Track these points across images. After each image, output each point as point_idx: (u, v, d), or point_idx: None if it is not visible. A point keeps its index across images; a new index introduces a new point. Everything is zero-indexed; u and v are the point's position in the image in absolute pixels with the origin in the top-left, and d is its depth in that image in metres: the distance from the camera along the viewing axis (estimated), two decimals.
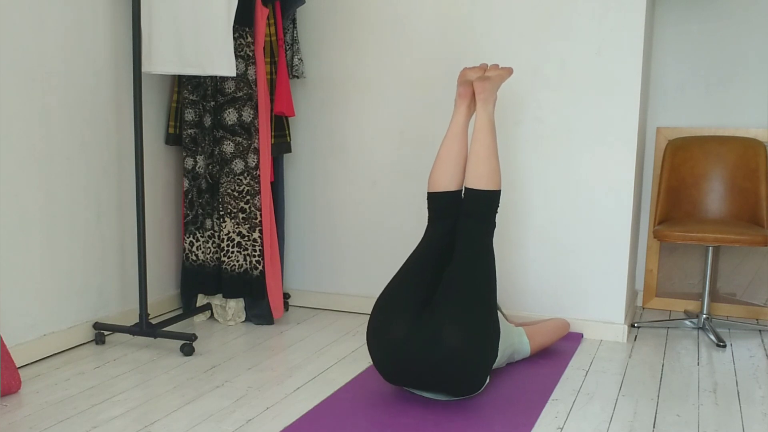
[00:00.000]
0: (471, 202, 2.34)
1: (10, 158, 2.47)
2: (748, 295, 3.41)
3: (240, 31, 2.97)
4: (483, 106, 2.43)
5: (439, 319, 2.13)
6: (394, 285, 2.29)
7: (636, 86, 2.87)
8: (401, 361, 2.16)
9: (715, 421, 2.16)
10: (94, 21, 2.77)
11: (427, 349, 2.11)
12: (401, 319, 2.17)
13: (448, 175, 2.42)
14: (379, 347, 2.20)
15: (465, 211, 2.35)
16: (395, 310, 2.21)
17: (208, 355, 2.72)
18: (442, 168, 2.43)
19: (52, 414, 2.15)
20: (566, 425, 2.12)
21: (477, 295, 2.19)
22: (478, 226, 2.32)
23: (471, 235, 2.30)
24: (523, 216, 3.09)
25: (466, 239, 2.30)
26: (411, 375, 2.18)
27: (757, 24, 3.27)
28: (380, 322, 2.21)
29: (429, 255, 2.34)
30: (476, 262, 2.25)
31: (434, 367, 2.12)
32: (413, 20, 3.16)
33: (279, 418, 2.14)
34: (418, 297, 2.23)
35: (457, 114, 2.48)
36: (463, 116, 2.47)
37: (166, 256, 3.28)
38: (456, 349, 2.09)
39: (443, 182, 2.42)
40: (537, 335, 2.68)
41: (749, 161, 3.20)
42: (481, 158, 2.35)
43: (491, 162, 2.35)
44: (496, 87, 2.47)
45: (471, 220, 2.33)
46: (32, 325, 2.61)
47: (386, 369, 2.22)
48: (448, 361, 2.10)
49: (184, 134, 3.11)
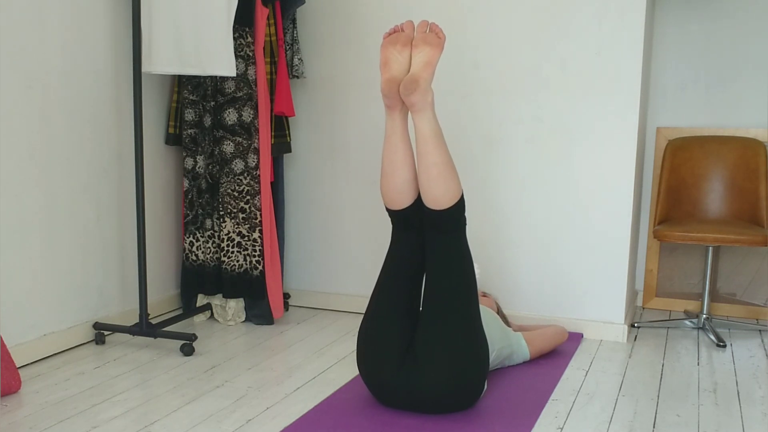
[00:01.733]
0: (434, 221, 2.10)
1: (10, 158, 2.47)
2: (748, 295, 3.41)
3: (240, 31, 2.97)
4: (420, 116, 2.03)
5: (422, 362, 2.06)
6: (372, 319, 2.17)
7: (636, 86, 2.87)
8: (392, 400, 2.17)
9: (715, 421, 2.16)
10: (94, 21, 2.77)
11: (414, 393, 2.10)
12: (386, 366, 2.11)
13: (397, 193, 2.12)
14: (369, 384, 2.20)
15: (430, 225, 2.11)
16: (378, 355, 2.12)
17: (208, 355, 2.72)
18: (391, 185, 2.12)
19: (52, 414, 2.15)
20: (566, 425, 2.12)
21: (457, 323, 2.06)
22: (446, 238, 2.11)
23: (441, 249, 2.11)
24: (522, 216, 3.09)
25: (438, 254, 2.11)
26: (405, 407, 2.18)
27: (757, 24, 3.27)
28: (366, 365, 2.17)
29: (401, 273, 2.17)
30: (452, 280, 2.09)
31: (425, 403, 2.12)
32: (413, 20, 3.16)
33: (279, 418, 2.14)
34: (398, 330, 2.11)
35: (389, 122, 2.10)
36: (398, 123, 2.10)
37: (166, 256, 3.28)
38: (442, 390, 2.08)
39: (396, 201, 2.13)
40: (536, 340, 2.68)
41: (749, 161, 3.20)
42: (432, 177, 2.03)
43: (444, 176, 2.04)
44: (428, 84, 2.02)
45: (438, 233, 2.11)
46: (32, 325, 2.61)
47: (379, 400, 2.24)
48: (436, 401, 2.11)
49: (184, 134, 3.11)
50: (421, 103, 2.01)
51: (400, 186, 2.11)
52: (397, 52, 2.08)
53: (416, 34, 2.11)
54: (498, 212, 3.12)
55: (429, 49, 2.05)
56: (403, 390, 2.11)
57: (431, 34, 2.09)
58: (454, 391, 2.09)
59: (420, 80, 2.00)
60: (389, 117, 2.10)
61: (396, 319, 2.13)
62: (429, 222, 2.12)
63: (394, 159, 2.10)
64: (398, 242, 2.20)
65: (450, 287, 2.10)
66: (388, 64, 2.08)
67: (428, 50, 2.05)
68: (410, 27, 2.12)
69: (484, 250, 3.16)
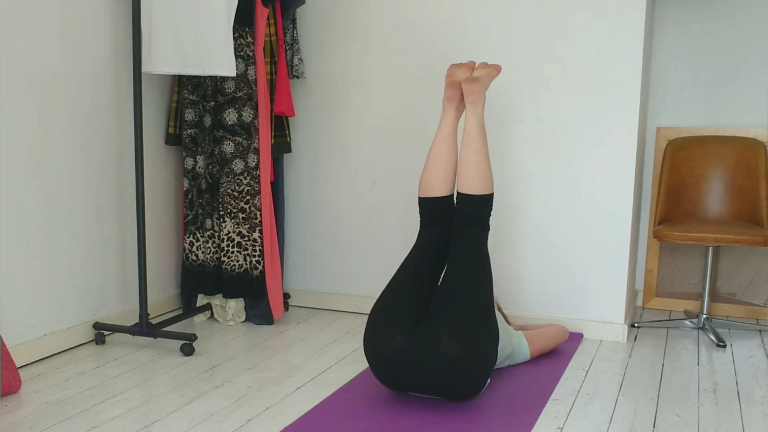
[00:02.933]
0: (464, 208, 2.31)
1: (10, 158, 2.47)
2: (748, 295, 3.41)
3: (240, 31, 2.97)
4: (472, 109, 2.38)
5: (437, 331, 2.12)
6: (388, 296, 2.26)
7: (636, 86, 2.87)
8: (400, 373, 2.17)
9: (715, 421, 2.16)
10: (94, 21, 2.77)
11: (426, 362, 2.11)
12: (398, 332, 2.15)
13: (439, 180, 2.38)
14: (376, 359, 2.20)
15: (459, 217, 2.31)
16: (391, 323, 2.18)
17: (208, 355, 2.72)
18: (433, 173, 2.38)
19: (52, 414, 2.15)
20: (566, 425, 2.12)
21: (474, 303, 2.17)
22: (472, 231, 2.29)
23: (465, 241, 2.28)
24: (523, 216, 3.09)
25: (461, 246, 2.27)
26: (410, 383, 2.19)
27: (757, 24, 3.27)
28: (377, 336, 2.19)
29: (422, 263, 2.31)
30: (471, 269, 2.23)
31: (434, 377, 2.13)
32: (413, 20, 3.16)
33: (279, 418, 2.14)
34: (413, 308, 2.20)
35: (445, 117, 2.43)
36: (451, 119, 2.43)
37: (166, 256, 3.28)
38: (455, 359, 2.09)
39: (434, 188, 2.38)
40: (536, 339, 2.68)
41: (749, 161, 3.20)
42: (472, 163, 2.31)
43: (482, 166, 2.31)
44: (484, 87, 2.42)
45: (465, 225, 2.30)
46: (32, 325, 2.61)
47: (384, 378, 2.23)
48: (447, 372, 2.11)
49: (184, 134, 3.11)
50: (477, 95, 2.37)
51: (442, 173, 2.38)
52: (460, 70, 2.49)
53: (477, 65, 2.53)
54: (498, 212, 3.12)
55: (488, 69, 2.48)
56: (414, 357, 2.12)
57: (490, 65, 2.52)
58: (467, 360, 2.10)
59: (480, 79, 2.40)
60: (445, 113, 2.43)
61: (412, 295, 2.24)
62: (458, 213, 2.32)
63: (441, 152, 2.39)
64: (423, 238, 2.37)
65: (469, 279, 2.22)
66: (453, 75, 2.48)
67: (487, 69, 2.48)
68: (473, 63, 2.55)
69: None
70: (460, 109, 2.45)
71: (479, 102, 2.38)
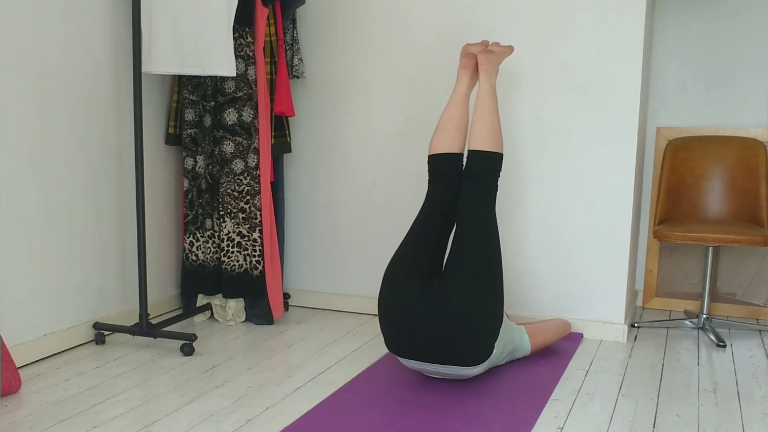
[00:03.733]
0: (474, 164, 2.38)
1: (10, 158, 2.47)
2: (748, 295, 3.41)
3: (240, 31, 2.97)
4: (486, 77, 2.48)
5: (448, 283, 2.20)
6: (402, 251, 2.33)
7: (636, 86, 2.87)
8: (411, 324, 2.21)
9: (715, 421, 2.16)
10: (94, 21, 2.77)
11: (437, 311, 2.17)
12: (412, 282, 2.23)
13: (448, 138, 2.45)
14: (388, 310, 2.26)
15: (468, 173, 2.38)
16: (405, 274, 2.26)
17: (208, 355, 2.72)
18: (444, 132, 2.46)
19: (52, 414, 2.15)
20: (566, 425, 2.12)
21: (483, 260, 2.24)
22: (481, 188, 2.36)
23: (474, 197, 2.34)
24: (523, 215, 3.09)
25: (470, 202, 2.34)
26: (418, 341, 2.22)
27: (758, 24, 3.27)
28: (391, 285, 2.27)
29: (433, 218, 2.38)
30: (481, 227, 2.30)
31: (443, 330, 2.17)
32: (413, 20, 3.16)
33: (279, 418, 2.14)
34: (426, 262, 2.29)
35: (459, 84, 2.52)
36: (465, 85, 2.52)
37: (166, 256, 3.28)
38: (464, 309, 2.16)
39: (444, 144, 2.45)
40: (538, 334, 2.69)
41: (749, 161, 3.20)
42: (484, 122, 2.40)
43: (494, 126, 2.40)
44: (498, 61, 2.54)
45: (474, 182, 2.36)
46: (32, 325, 2.61)
47: (395, 335, 2.27)
48: (457, 322, 2.16)
49: (184, 134, 3.11)
50: (490, 64, 2.49)
51: (452, 132, 2.46)
52: (473, 46, 2.61)
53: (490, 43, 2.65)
54: (498, 212, 3.12)
55: (502, 47, 2.62)
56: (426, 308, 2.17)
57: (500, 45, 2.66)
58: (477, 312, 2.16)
59: (494, 51, 2.54)
60: (460, 79, 2.54)
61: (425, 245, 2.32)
62: (468, 169, 2.39)
63: (453, 115, 2.48)
64: (434, 193, 2.44)
65: (479, 236, 2.28)
66: (468, 48, 2.61)
67: (502, 47, 2.62)
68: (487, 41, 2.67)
69: None
70: (473, 78, 2.56)
71: (492, 71, 2.50)
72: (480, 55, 2.50)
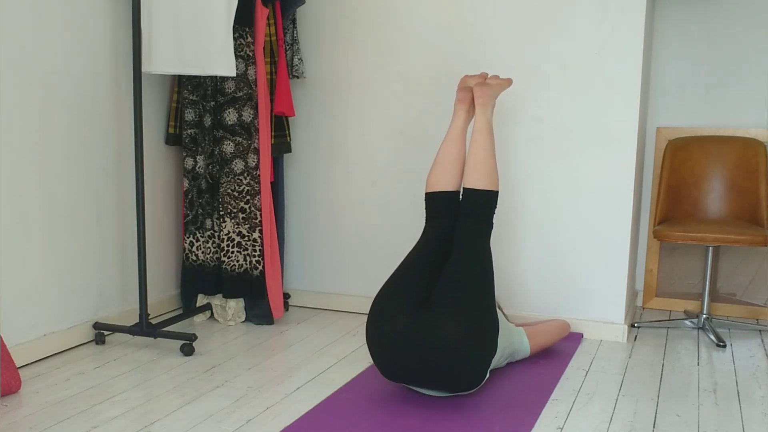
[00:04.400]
0: (470, 202, 2.36)
1: (10, 158, 2.47)
2: (748, 295, 3.41)
3: (240, 31, 2.97)
4: (482, 111, 2.46)
5: (438, 314, 2.15)
6: (392, 282, 2.30)
7: (636, 86, 2.87)
8: (400, 356, 2.17)
9: (715, 421, 2.16)
10: (94, 21, 2.77)
11: (426, 343, 2.12)
12: (400, 313, 2.19)
13: (446, 176, 2.45)
14: (378, 341, 2.21)
15: (464, 211, 2.37)
16: (394, 305, 2.23)
17: (208, 355, 2.72)
18: (441, 169, 2.46)
19: (52, 414, 2.15)
20: (566, 425, 2.12)
21: (475, 292, 2.20)
22: (476, 226, 2.34)
23: (469, 235, 2.32)
24: (523, 216, 3.09)
25: (465, 239, 2.31)
26: (410, 370, 2.18)
27: (757, 24, 3.27)
28: (379, 316, 2.23)
29: (427, 254, 2.35)
30: (474, 261, 2.27)
31: (433, 362, 2.13)
32: (413, 20, 3.16)
33: (279, 418, 2.14)
34: (416, 293, 2.25)
35: (456, 118, 2.52)
36: (462, 120, 2.52)
37: (166, 256, 3.28)
38: (454, 343, 2.11)
39: (441, 183, 2.45)
40: (537, 335, 2.69)
41: (749, 161, 3.20)
42: (479, 160, 2.39)
43: (489, 163, 2.39)
44: (495, 94, 2.52)
45: (469, 220, 2.35)
46: (32, 325, 2.61)
47: (385, 364, 2.23)
48: (446, 355, 2.12)
49: (184, 134, 3.11)
50: (486, 98, 2.47)
51: (449, 170, 2.46)
52: (472, 79, 2.60)
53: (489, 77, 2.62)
54: (498, 212, 3.12)
55: (500, 80, 2.60)
56: (415, 340, 2.13)
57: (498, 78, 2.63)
58: (467, 344, 2.12)
59: (491, 85, 2.51)
60: (456, 114, 2.52)
61: (414, 282, 2.28)
62: (464, 207, 2.38)
63: (449, 152, 2.48)
64: (429, 230, 2.43)
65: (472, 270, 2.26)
66: (466, 81, 2.61)
67: (499, 80, 2.59)
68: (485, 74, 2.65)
69: None
70: (470, 112, 2.55)
71: (489, 105, 2.47)
72: (476, 88, 2.47)
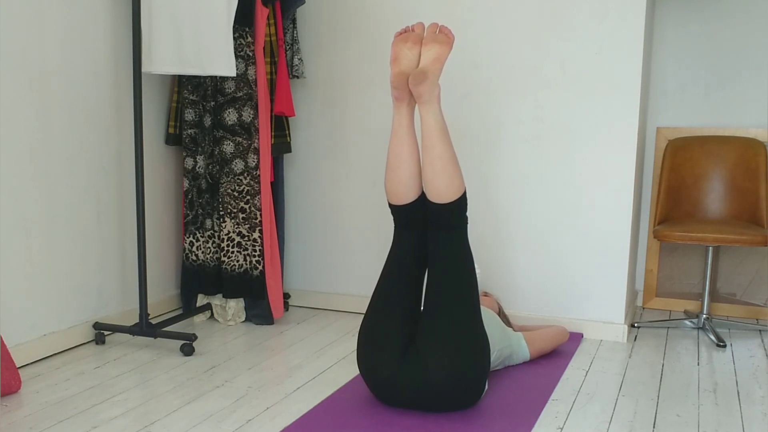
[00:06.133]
0: (437, 215, 2.14)
1: (10, 158, 2.47)
2: (748, 295, 3.41)
3: (240, 31, 2.97)
4: (426, 109, 2.10)
5: (424, 359, 2.08)
6: (373, 316, 2.19)
7: (636, 86, 2.87)
8: (394, 396, 2.17)
9: (715, 421, 2.16)
10: (94, 21, 2.77)
11: (416, 388, 2.11)
12: (387, 361, 2.12)
13: (403, 187, 2.16)
14: (370, 382, 2.20)
15: (433, 223, 2.16)
16: (380, 349, 2.13)
17: (208, 355, 2.72)
18: (396, 180, 2.17)
19: (52, 414, 2.15)
20: (566, 425, 2.12)
21: (458, 321, 2.09)
22: (449, 234, 2.15)
23: (442, 246, 2.15)
24: (522, 216, 3.09)
25: (440, 251, 2.15)
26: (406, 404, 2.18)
27: (757, 24, 3.27)
28: (367, 363, 2.17)
29: (402, 271, 2.20)
30: (453, 276, 2.13)
31: (426, 400, 2.13)
32: (413, 20, 3.16)
33: (279, 418, 2.14)
34: (400, 328, 2.13)
35: (397, 116, 2.16)
36: (405, 118, 2.16)
37: (166, 256, 3.28)
38: (444, 385, 2.08)
39: (401, 195, 2.18)
40: (536, 340, 2.68)
41: (749, 161, 3.20)
42: (437, 171, 2.09)
43: (448, 170, 2.09)
44: (435, 79, 2.10)
45: (440, 230, 2.15)
46: (32, 325, 2.61)
47: (381, 398, 2.23)
48: (438, 396, 2.11)
49: (184, 134, 3.11)
50: (428, 95, 2.08)
51: (405, 180, 2.16)
52: (407, 48, 2.15)
53: (426, 34, 2.18)
54: (498, 212, 3.12)
55: (438, 47, 2.13)
56: (405, 385, 2.11)
57: (441, 34, 2.17)
58: (456, 386, 2.09)
59: (429, 73, 2.08)
60: (397, 110, 2.16)
61: (397, 316, 2.15)
62: (432, 218, 2.15)
63: (400, 152, 2.15)
64: (400, 241, 2.23)
65: (451, 284, 2.12)
66: (398, 59, 2.15)
67: (438, 48, 2.12)
68: (421, 27, 2.20)
69: (484, 250, 3.16)
70: (411, 103, 2.16)
71: (432, 99, 2.09)
72: (413, 87, 2.06)
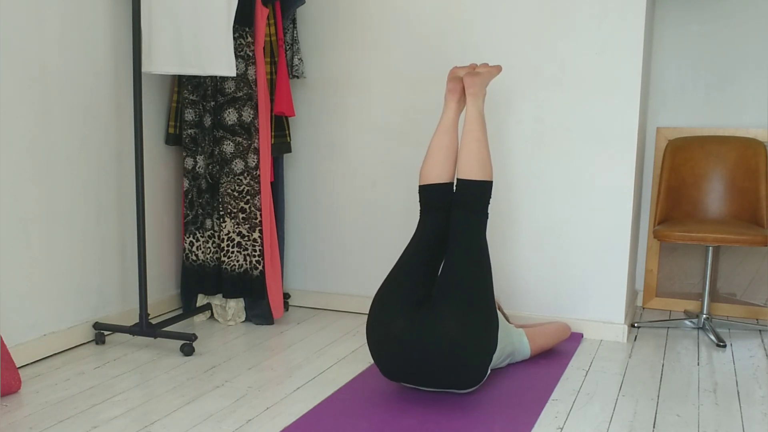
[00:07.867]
0: (464, 193, 2.35)
1: (10, 158, 2.47)
2: (748, 295, 3.41)
3: (240, 31, 2.97)
4: (473, 101, 2.45)
5: (437, 313, 2.16)
6: (390, 281, 2.30)
7: (636, 86, 2.87)
8: (401, 356, 2.18)
9: (715, 421, 2.16)
10: (94, 21, 2.77)
11: (426, 343, 2.13)
12: (400, 314, 2.19)
13: (439, 167, 2.43)
14: (378, 342, 2.23)
15: (458, 202, 2.35)
16: (393, 305, 2.23)
17: (208, 355, 2.72)
18: (433, 161, 2.44)
19: (52, 414, 2.15)
20: (566, 425, 2.12)
21: (474, 288, 2.21)
22: (471, 217, 2.33)
23: (464, 226, 2.32)
24: (523, 215, 3.09)
25: (460, 231, 2.31)
26: (410, 369, 2.20)
27: (757, 24, 3.27)
28: (379, 318, 2.24)
29: (423, 249, 2.35)
30: (471, 255, 2.27)
31: (433, 360, 2.15)
32: (413, 20, 3.16)
33: (279, 418, 2.14)
34: (415, 292, 2.25)
35: (447, 110, 2.51)
36: (453, 112, 2.50)
37: (166, 256, 3.28)
38: (453, 341, 2.12)
39: (434, 174, 2.43)
40: (537, 337, 2.68)
41: (749, 161, 3.20)
42: (472, 150, 2.37)
43: (482, 153, 2.37)
44: (485, 83, 2.49)
45: (464, 211, 2.34)
46: (32, 325, 2.61)
47: (386, 364, 2.24)
48: (446, 355, 2.13)
49: (184, 134, 3.11)
50: (477, 88, 2.45)
51: (442, 161, 2.44)
52: (462, 70, 2.55)
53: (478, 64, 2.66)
54: (498, 212, 3.12)
55: (490, 68, 2.56)
56: (415, 339, 2.14)
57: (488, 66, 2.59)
58: (464, 345, 2.13)
59: (482, 74, 2.49)
60: (447, 105, 2.51)
61: (411, 282, 2.28)
62: (458, 197, 2.36)
63: (442, 140, 2.46)
64: (422, 226, 2.41)
65: (469, 265, 2.25)
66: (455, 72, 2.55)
67: (489, 68, 2.56)
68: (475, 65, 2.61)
69: None
70: (461, 102, 2.53)
71: (480, 94, 2.45)
72: (466, 78, 2.44)
